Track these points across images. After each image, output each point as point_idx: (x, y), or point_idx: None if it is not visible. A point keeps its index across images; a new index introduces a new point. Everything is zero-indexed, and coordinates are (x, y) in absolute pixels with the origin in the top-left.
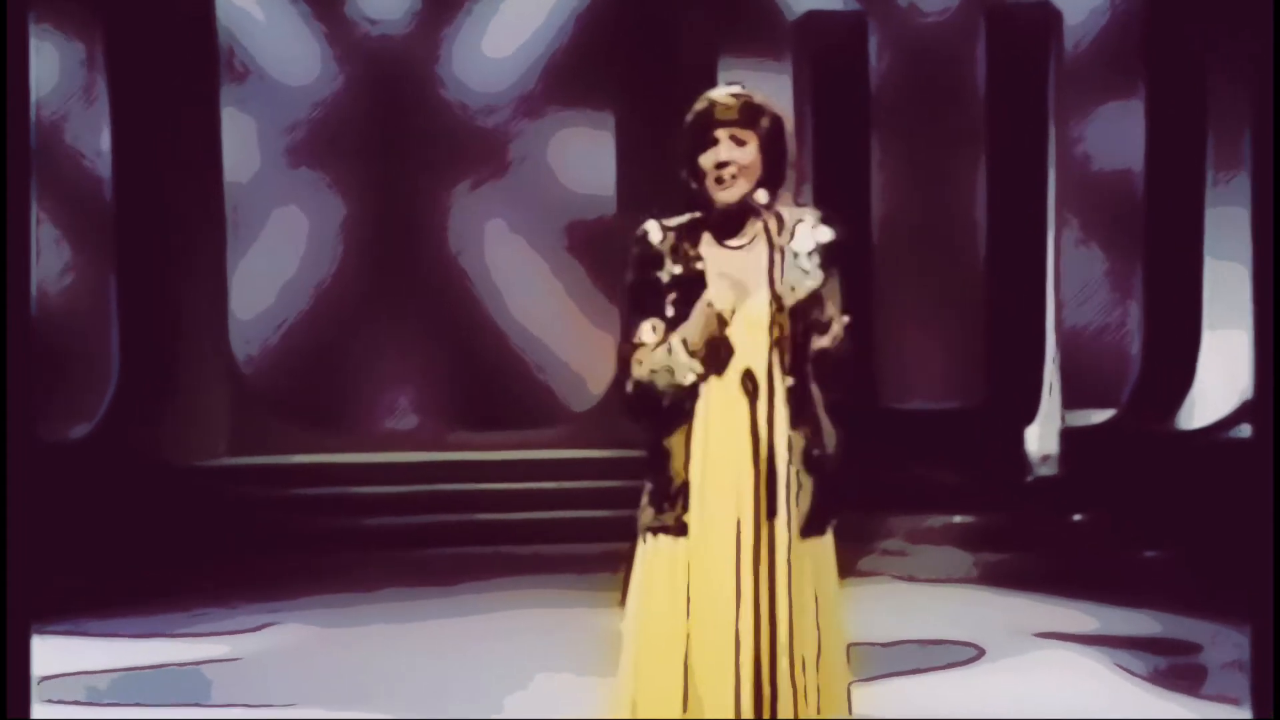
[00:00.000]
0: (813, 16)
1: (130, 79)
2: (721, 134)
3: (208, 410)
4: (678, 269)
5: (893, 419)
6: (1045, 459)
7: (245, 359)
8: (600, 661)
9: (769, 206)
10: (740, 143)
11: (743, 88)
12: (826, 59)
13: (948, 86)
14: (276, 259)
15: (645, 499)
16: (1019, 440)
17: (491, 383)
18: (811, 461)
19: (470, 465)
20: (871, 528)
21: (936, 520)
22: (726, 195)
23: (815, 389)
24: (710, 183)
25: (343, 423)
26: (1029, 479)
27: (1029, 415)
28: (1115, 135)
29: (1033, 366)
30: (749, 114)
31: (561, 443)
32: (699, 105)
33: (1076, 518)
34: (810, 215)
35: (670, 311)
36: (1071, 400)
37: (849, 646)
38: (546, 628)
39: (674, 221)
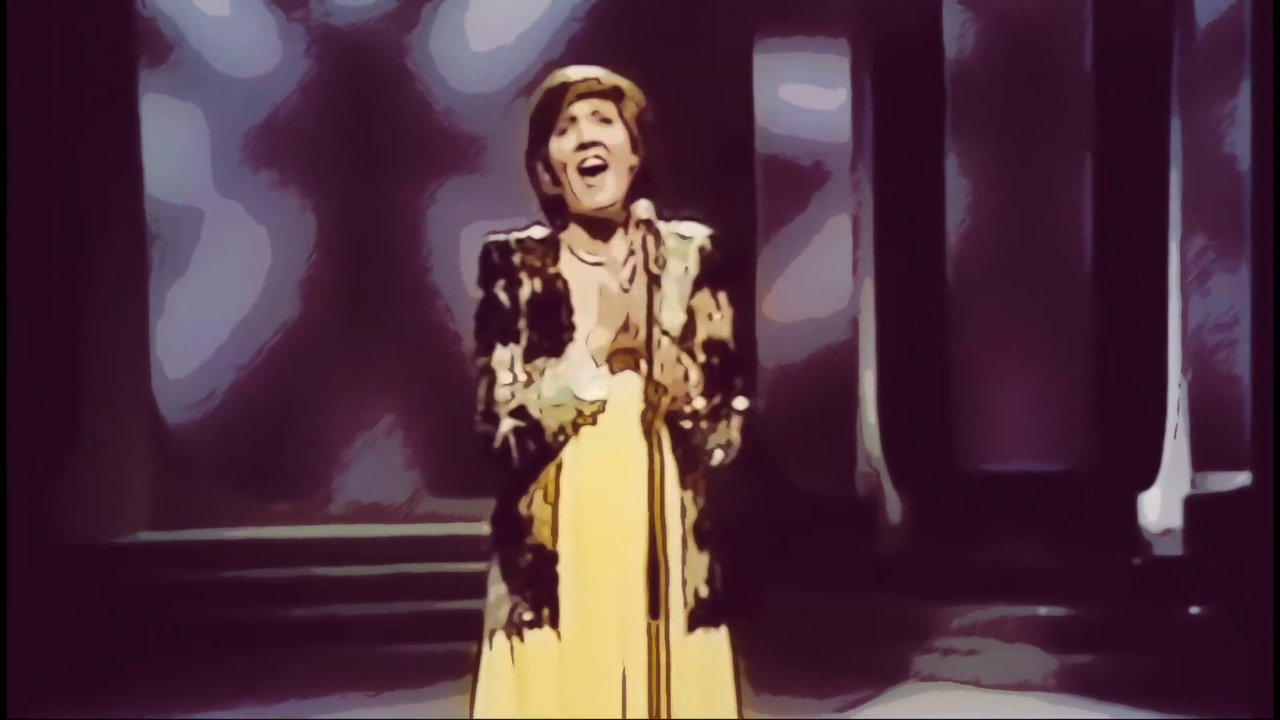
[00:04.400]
0: None
1: (21, 63)
2: (581, 109)
3: (124, 474)
4: (537, 284)
5: (971, 484)
6: (1165, 534)
7: (172, 410)
8: None
9: (650, 223)
10: (605, 120)
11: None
12: (892, 39)
13: (1045, 70)
14: (214, 288)
15: (495, 586)
16: (1131, 511)
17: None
18: (703, 533)
19: (450, 541)
20: (934, 620)
21: (1017, 611)
22: (595, 196)
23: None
24: (573, 176)
25: (292, 489)
26: (1139, 560)
27: (1146, 479)
28: (1256, 130)
29: (1152, 418)
30: (614, 89)
31: None
32: (547, 84)
33: (1195, 610)
34: (692, 229)
35: (526, 340)
36: (1202, 460)
37: None
38: None
39: (526, 234)
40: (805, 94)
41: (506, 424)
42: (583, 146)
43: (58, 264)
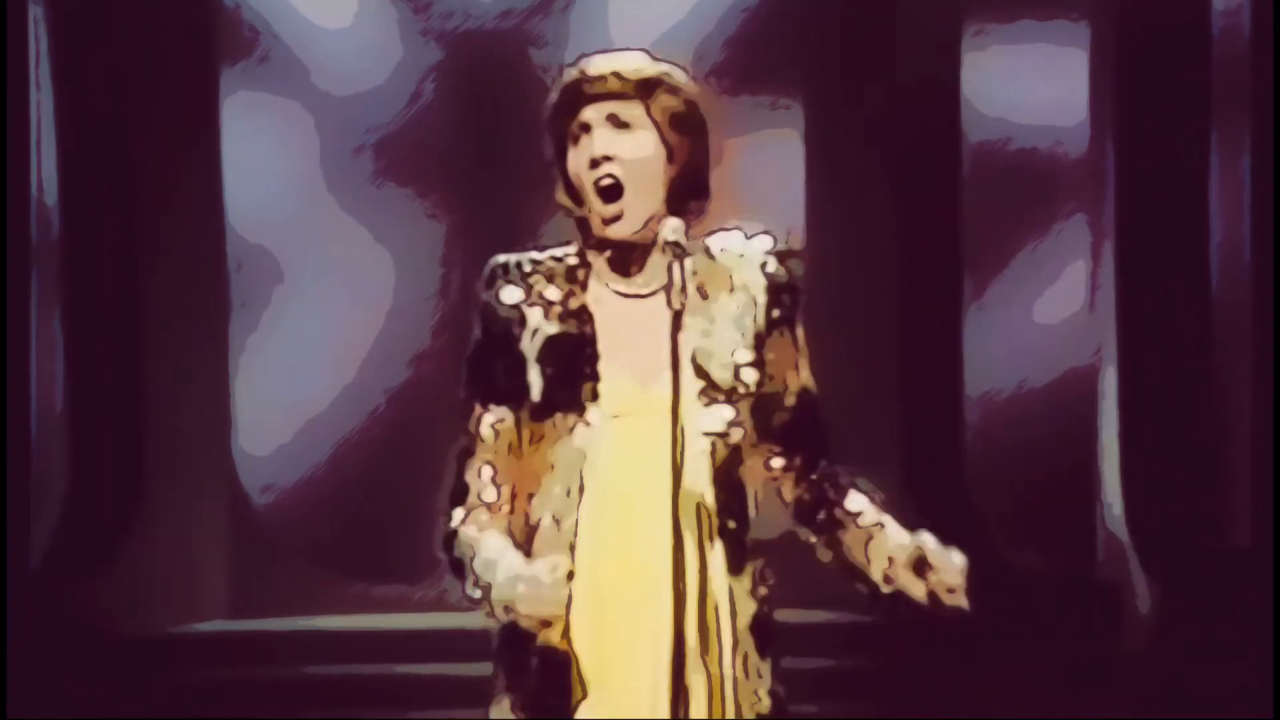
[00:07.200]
0: None
1: (93, 72)
2: (594, 115)
3: (198, 554)
4: (553, 327)
5: (1244, 567)
6: None
7: (255, 479)
8: None
9: (678, 245)
10: (622, 125)
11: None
12: (1143, 21)
13: None
14: (307, 339)
15: (500, 701)
16: None
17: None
18: (764, 632)
19: None
20: None
21: None
22: (613, 228)
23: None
24: (591, 198)
25: (393, 572)
26: None
27: None
28: None
29: None
30: (640, 84)
31: None
32: (562, 79)
33: None
34: (750, 246)
35: (538, 392)
36: None
37: None
38: None
39: (546, 254)
40: (1028, 76)
41: (461, 532)
42: (594, 163)
43: (118, 309)
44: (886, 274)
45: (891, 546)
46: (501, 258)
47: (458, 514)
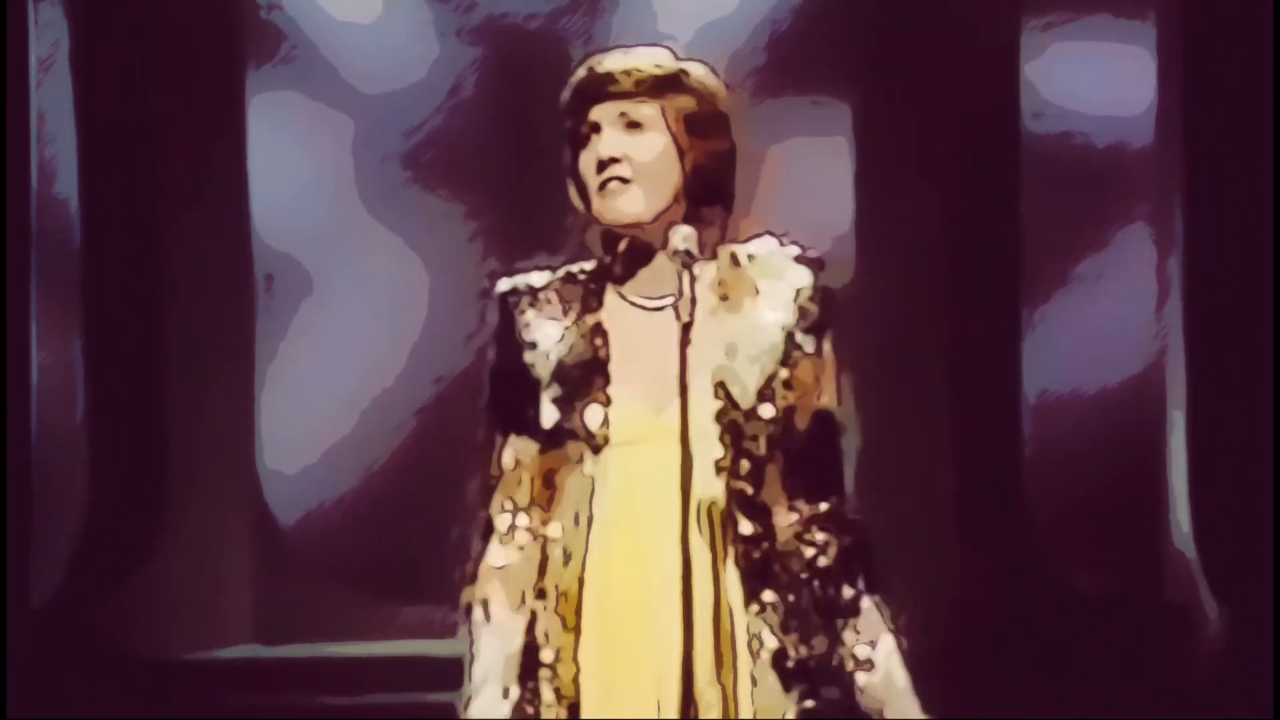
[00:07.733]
0: None
1: (114, 73)
2: (605, 114)
3: (223, 577)
4: (564, 350)
5: None
6: None
7: (281, 498)
8: None
9: (689, 254)
10: (633, 125)
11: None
12: (1211, 18)
13: None
14: (337, 351)
15: None
16: None
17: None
18: (790, 668)
19: None
20: None
21: None
22: (611, 202)
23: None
24: (594, 196)
25: (425, 595)
26: None
27: None
28: None
29: None
30: (653, 82)
31: None
32: (574, 78)
33: None
34: (780, 259)
35: (549, 420)
36: None
37: None
38: None
39: (560, 272)
40: (1090, 73)
41: (473, 611)
42: (601, 165)
43: (139, 319)
44: (940, 280)
45: (886, 698)
46: (507, 282)
47: (485, 562)
